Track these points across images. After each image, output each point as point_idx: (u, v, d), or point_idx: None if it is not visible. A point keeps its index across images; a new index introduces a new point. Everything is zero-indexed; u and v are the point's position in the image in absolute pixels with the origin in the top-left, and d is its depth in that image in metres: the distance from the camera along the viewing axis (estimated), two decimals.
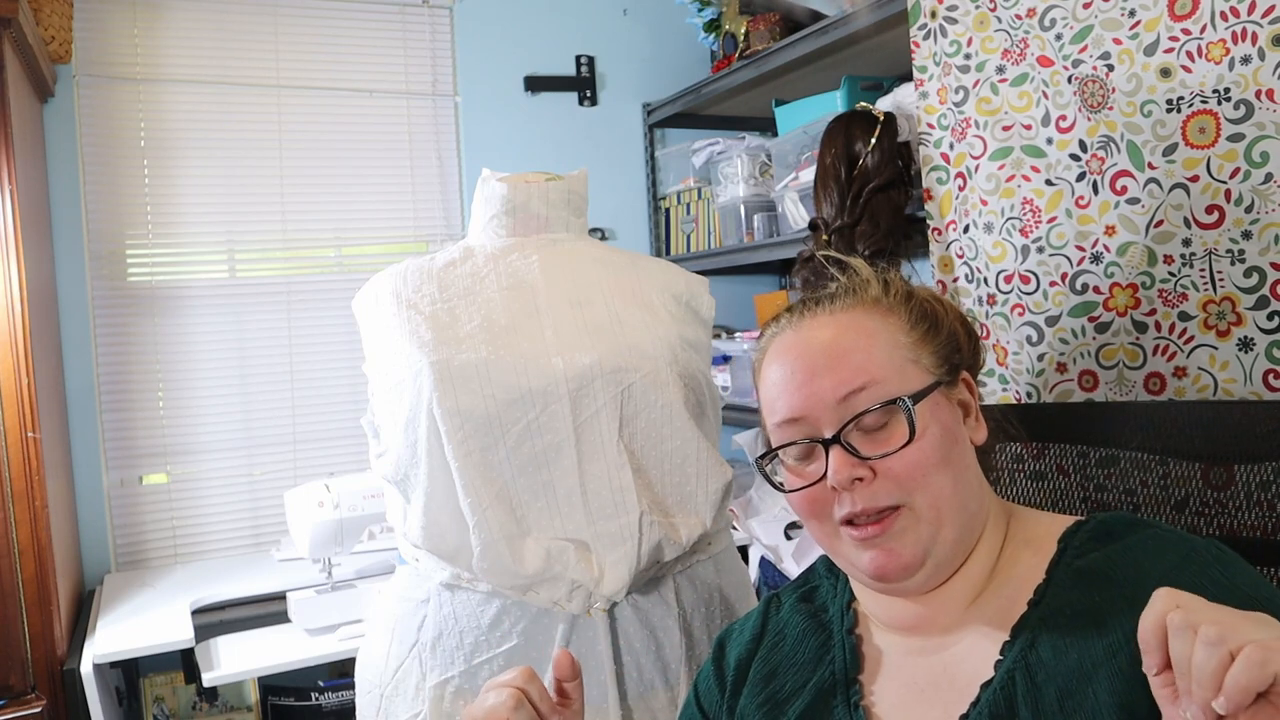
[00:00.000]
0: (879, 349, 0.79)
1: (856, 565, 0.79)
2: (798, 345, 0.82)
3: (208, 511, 2.47)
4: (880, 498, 0.76)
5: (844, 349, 0.79)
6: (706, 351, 1.43)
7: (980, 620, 0.78)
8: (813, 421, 0.78)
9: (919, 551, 0.76)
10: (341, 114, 2.61)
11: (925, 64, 1.59)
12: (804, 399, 0.79)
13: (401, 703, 1.29)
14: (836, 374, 0.78)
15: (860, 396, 0.77)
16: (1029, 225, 1.43)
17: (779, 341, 0.84)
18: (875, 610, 0.85)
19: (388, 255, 2.67)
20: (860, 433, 0.77)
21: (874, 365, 0.78)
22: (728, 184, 2.56)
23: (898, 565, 0.76)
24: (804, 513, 0.81)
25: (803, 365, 0.80)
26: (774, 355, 0.84)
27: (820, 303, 0.85)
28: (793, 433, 0.80)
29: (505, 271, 1.36)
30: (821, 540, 0.82)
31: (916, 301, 0.84)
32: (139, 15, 2.41)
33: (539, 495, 1.25)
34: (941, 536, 0.76)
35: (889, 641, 0.83)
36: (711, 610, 1.33)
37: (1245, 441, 1.05)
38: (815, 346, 0.81)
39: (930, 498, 0.76)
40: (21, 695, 1.79)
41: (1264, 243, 1.16)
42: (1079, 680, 0.68)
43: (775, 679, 0.87)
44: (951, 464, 0.77)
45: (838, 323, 0.82)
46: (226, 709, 2.21)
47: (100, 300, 2.37)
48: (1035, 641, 0.72)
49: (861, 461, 0.76)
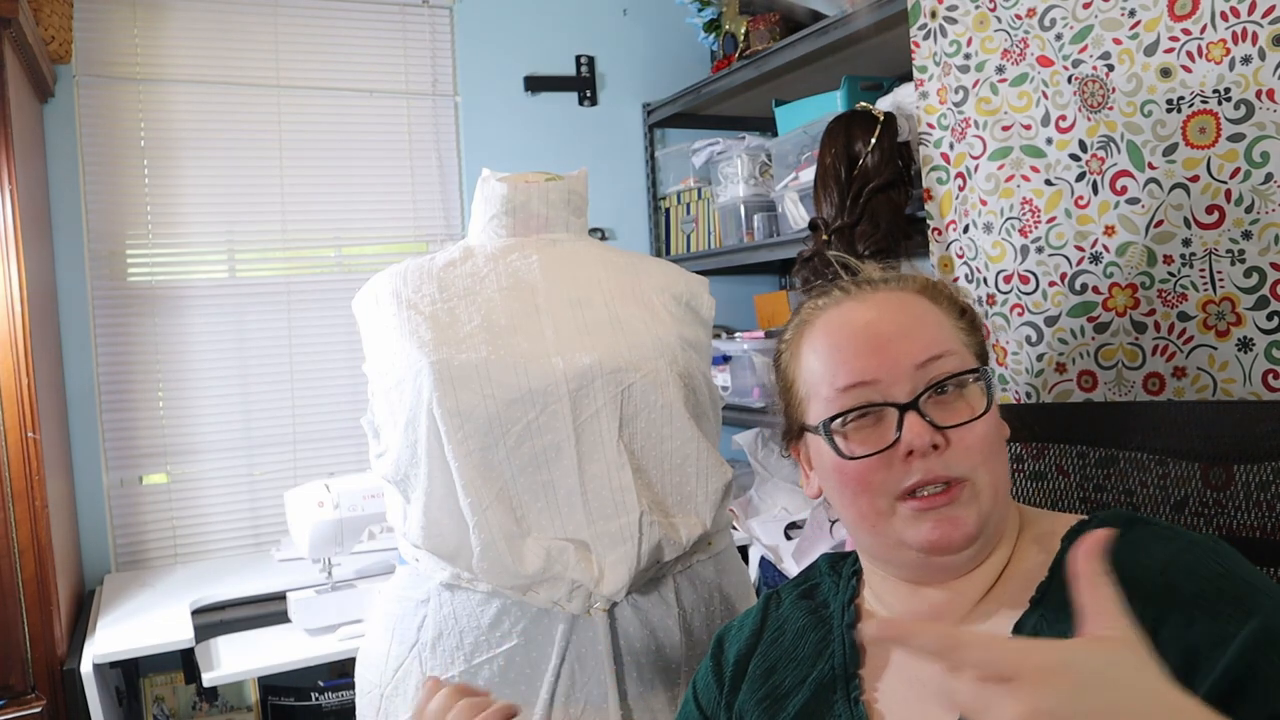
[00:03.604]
0: (944, 327, 0.80)
1: (909, 540, 0.77)
2: (858, 316, 0.81)
3: (208, 511, 2.47)
4: (953, 466, 0.75)
5: (915, 318, 0.80)
6: (707, 351, 1.43)
7: (987, 616, 0.78)
8: (885, 386, 0.77)
9: (979, 524, 0.76)
10: (341, 114, 2.61)
11: (925, 64, 1.59)
12: (878, 363, 0.78)
13: (401, 703, 1.29)
14: (914, 340, 0.78)
15: (939, 364, 0.77)
16: (1028, 225, 1.43)
17: (828, 316, 0.83)
18: (892, 601, 0.84)
19: (388, 255, 2.67)
20: (933, 402, 0.77)
21: (944, 336, 0.79)
22: (728, 184, 2.56)
23: (961, 534, 0.75)
24: (857, 484, 0.78)
25: (871, 332, 0.79)
26: (825, 327, 0.83)
27: (862, 286, 0.85)
28: (858, 397, 0.78)
29: (505, 271, 1.36)
30: (860, 520, 0.80)
31: (956, 295, 0.85)
32: (139, 15, 2.41)
33: (539, 495, 1.25)
34: (994, 517, 0.77)
35: None
36: (712, 610, 1.33)
37: (1244, 441, 1.05)
38: (883, 315, 0.80)
39: (991, 475, 0.76)
40: (21, 695, 1.79)
41: (1264, 243, 1.16)
42: None
43: (775, 674, 0.87)
44: (1003, 447, 0.79)
45: (897, 300, 0.82)
46: (226, 709, 2.21)
47: (100, 300, 2.37)
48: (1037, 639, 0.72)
49: (937, 429, 0.75)
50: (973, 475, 0.76)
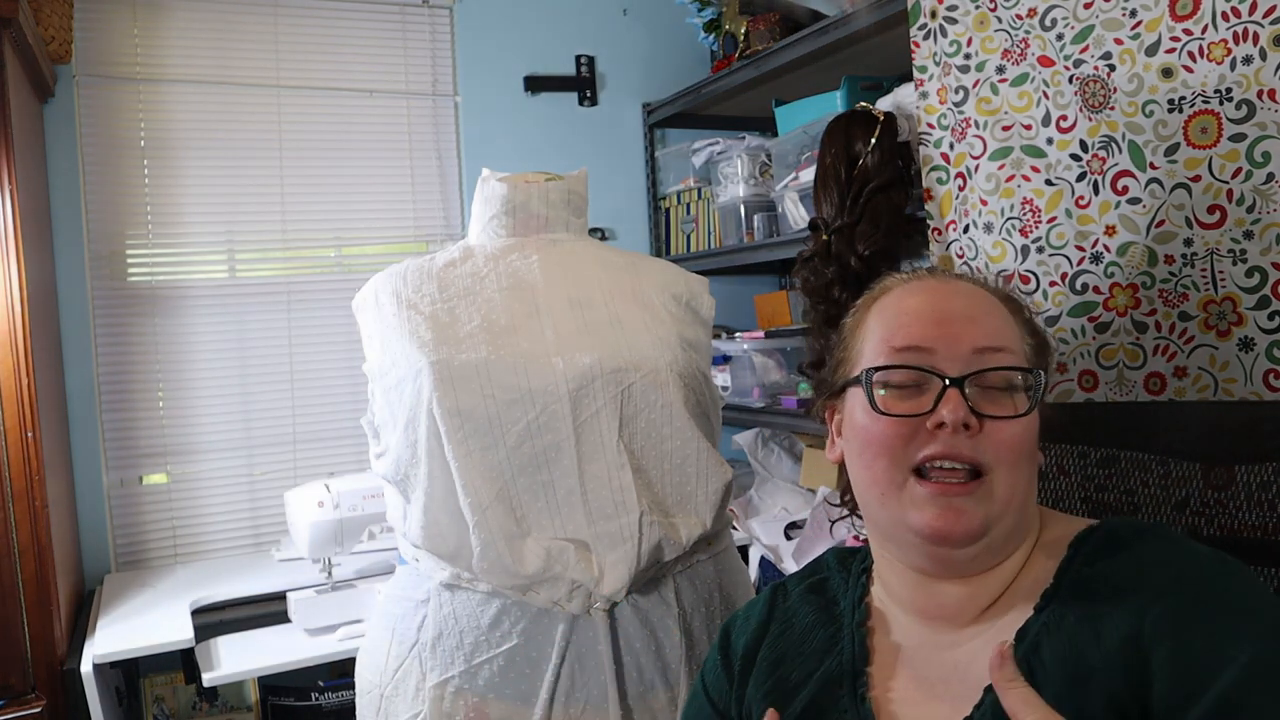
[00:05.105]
0: (1014, 331, 0.82)
1: (913, 522, 0.77)
2: (942, 290, 0.83)
3: (208, 511, 2.47)
4: (978, 452, 0.75)
5: (987, 311, 0.81)
6: (706, 352, 1.43)
7: (996, 619, 0.78)
8: (939, 358, 0.78)
9: (984, 523, 0.76)
10: (341, 114, 2.61)
11: (925, 64, 1.59)
12: (941, 334, 0.79)
13: (401, 703, 1.29)
14: (980, 326, 0.79)
15: (998, 355, 0.78)
16: (1029, 225, 1.43)
17: (914, 284, 0.85)
18: (902, 595, 0.83)
19: (388, 255, 2.67)
20: (978, 390, 0.77)
21: (1011, 338, 0.80)
22: (728, 184, 2.56)
23: (963, 528, 0.75)
24: (882, 446, 0.78)
25: (940, 307, 0.81)
26: (908, 291, 0.84)
27: (957, 276, 0.86)
28: (910, 359, 0.79)
29: (505, 271, 1.36)
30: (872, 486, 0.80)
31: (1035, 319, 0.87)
32: (139, 15, 2.41)
33: (539, 495, 1.25)
34: (1003, 523, 0.77)
35: (903, 636, 0.83)
36: (711, 610, 1.33)
37: (1245, 441, 1.05)
38: (962, 296, 0.82)
39: (1010, 480, 0.76)
40: (21, 695, 1.79)
41: (1265, 243, 1.16)
42: (1074, 686, 0.69)
43: (782, 667, 0.87)
44: (1032, 461, 0.79)
45: (974, 290, 0.83)
46: (226, 709, 2.21)
47: (100, 300, 2.37)
48: (1039, 646, 0.72)
49: (974, 413, 0.76)
50: (993, 471, 0.76)
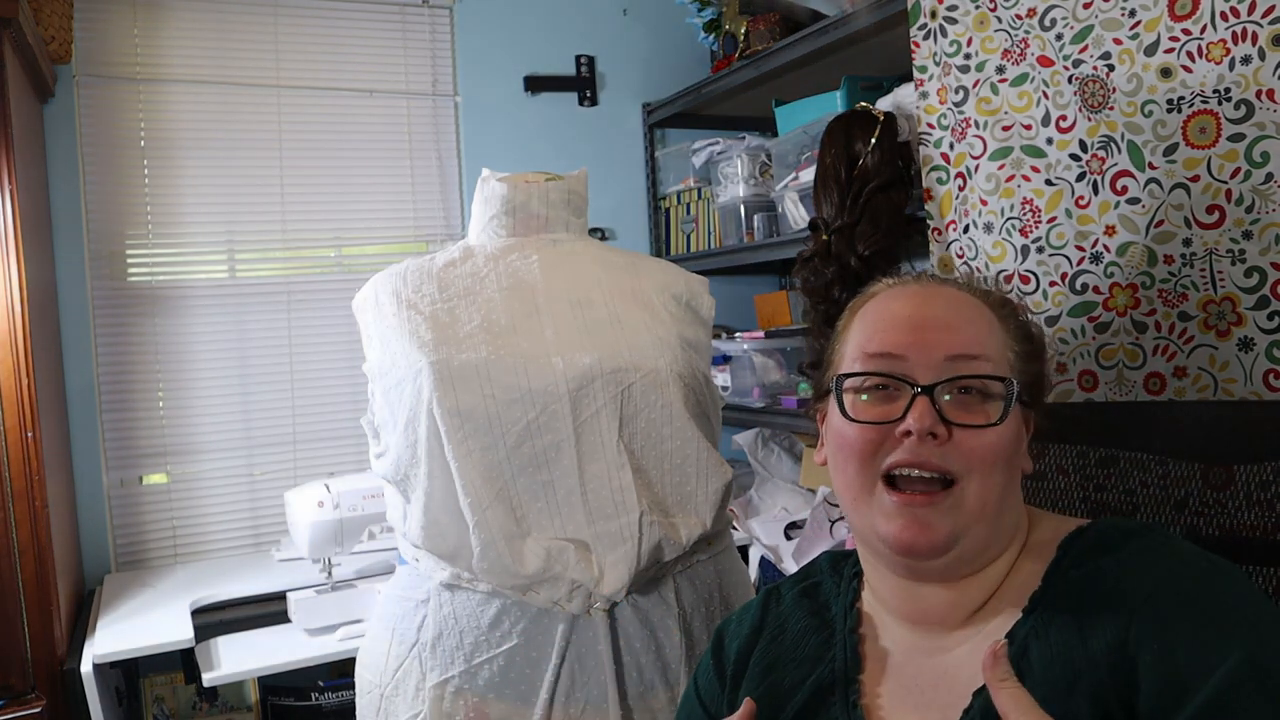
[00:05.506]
0: (995, 339, 0.81)
1: (881, 531, 0.77)
2: (923, 295, 0.82)
3: (208, 511, 2.47)
4: (947, 460, 0.75)
5: (968, 318, 0.80)
6: (706, 352, 1.43)
7: (985, 622, 0.78)
8: (911, 366, 0.78)
9: (950, 536, 0.75)
10: (341, 114, 2.61)
11: (925, 64, 1.59)
12: (913, 341, 0.78)
13: (401, 703, 1.29)
14: (955, 334, 0.79)
15: (972, 363, 0.77)
16: (1029, 225, 1.43)
17: (898, 289, 0.85)
18: (890, 600, 0.83)
19: (388, 255, 2.67)
20: (950, 397, 0.77)
21: (991, 346, 0.79)
22: (728, 184, 2.56)
23: (928, 542, 0.75)
24: (851, 451, 0.79)
25: (916, 314, 0.80)
26: (890, 296, 0.84)
27: (931, 280, 0.86)
28: (881, 366, 0.79)
29: (505, 271, 1.36)
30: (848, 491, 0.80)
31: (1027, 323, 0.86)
32: (139, 15, 2.41)
33: (539, 495, 1.25)
34: (974, 532, 0.76)
35: (892, 642, 0.83)
36: (711, 610, 1.33)
37: (1245, 441, 1.05)
38: (941, 302, 0.81)
39: (981, 488, 0.76)
40: (21, 695, 1.79)
41: (1264, 242, 1.16)
42: (1061, 689, 0.69)
43: (774, 672, 0.87)
44: (1009, 469, 0.78)
45: (956, 297, 0.83)
46: (226, 709, 2.21)
47: (100, 300, 2.37)
48: (1026, 650, 0.72)
49: (942, 421, 0.75)
50: (963, 479, 0.75)
